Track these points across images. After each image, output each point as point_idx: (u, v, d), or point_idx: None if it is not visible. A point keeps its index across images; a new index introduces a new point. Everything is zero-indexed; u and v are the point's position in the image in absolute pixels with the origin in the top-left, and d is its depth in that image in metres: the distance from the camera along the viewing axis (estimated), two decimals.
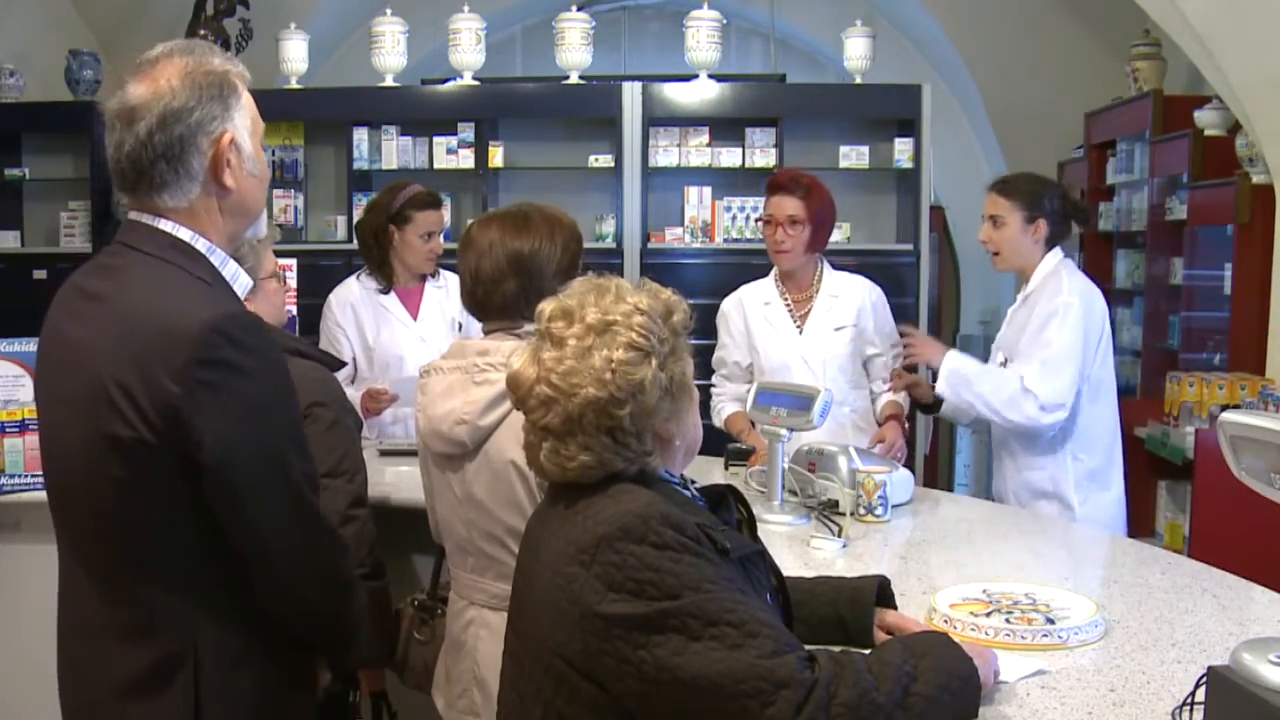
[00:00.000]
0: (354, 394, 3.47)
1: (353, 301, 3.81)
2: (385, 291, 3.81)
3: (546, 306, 1.60)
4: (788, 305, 3.55)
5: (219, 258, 1.70)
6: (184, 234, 1.67)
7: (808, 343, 3.50)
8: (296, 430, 1.71)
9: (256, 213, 1.78)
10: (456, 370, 2.23)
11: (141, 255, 1.66)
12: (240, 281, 1.73)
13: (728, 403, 3.62)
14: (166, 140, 1.63)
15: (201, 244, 1.68)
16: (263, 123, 1.77)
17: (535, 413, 1.57)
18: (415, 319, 3.83)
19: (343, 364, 2.87)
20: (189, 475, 1.58)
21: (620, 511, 1.49)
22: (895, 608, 1.88)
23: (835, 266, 3.61)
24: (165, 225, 1.67)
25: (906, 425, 3.54)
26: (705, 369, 3.79)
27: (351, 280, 3.87)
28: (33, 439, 3.02)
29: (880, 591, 1.85)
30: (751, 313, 3.58)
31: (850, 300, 3.53)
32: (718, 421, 3.60)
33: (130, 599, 1.65)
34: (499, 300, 2.22)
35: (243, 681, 1.69)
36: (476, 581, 2.25)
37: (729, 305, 3.66)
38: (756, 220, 4.42)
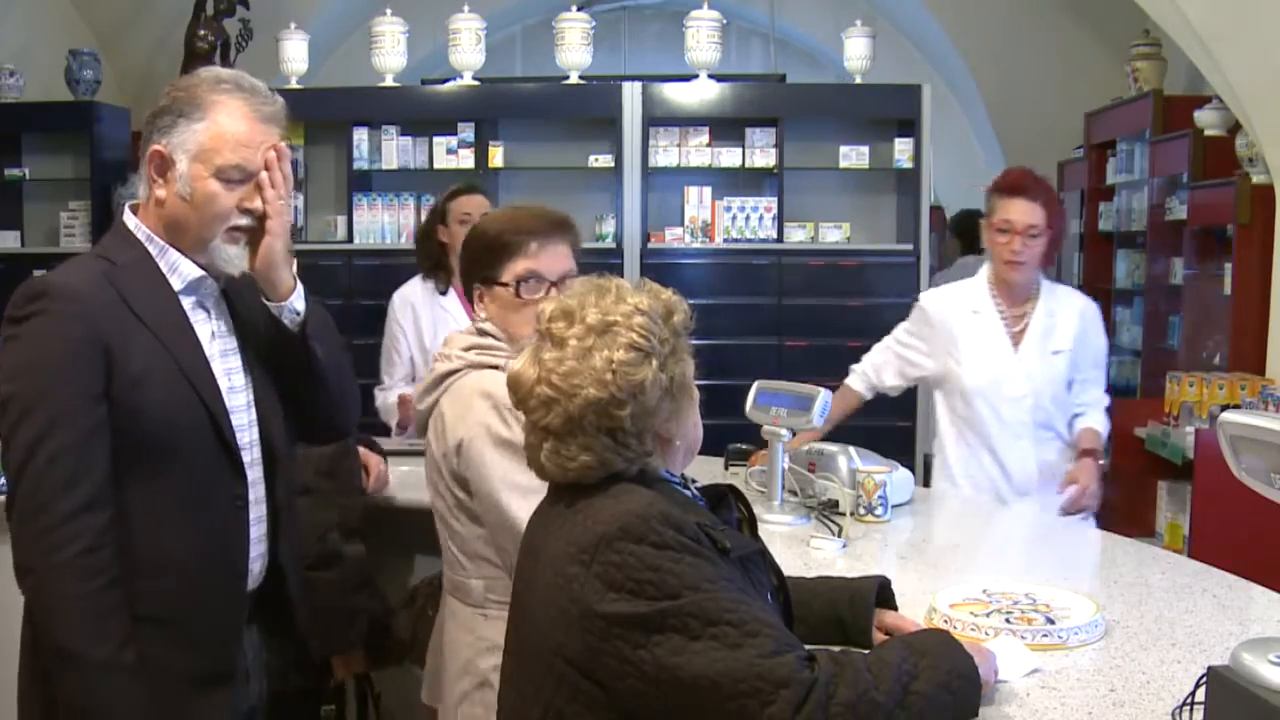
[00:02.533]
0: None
1: (413, 301, 3.83)
2: (444, 292, 3.82)
3: (547, 307, 1.60)
4: (1003, 318, 3.19)
5: (157, 247, 1.86)
6: (131, 222, 1.88)
7: (1022, 364, 3.16)
8: (52, 399, 1.73)
9: (190, 233, 1.85)
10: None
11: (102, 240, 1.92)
12: (180, 272, 1.86)
13: (863, 375, 3.36)
14: (142, 143, 1.88)
15: (142, 232, 1.87)
16: (234, 155, 1.82)
17: (536, 413, 1.57)
18: (472, 320, 3.83)
19: None
20: None
21: (620, 511, 1.49)
22: (895, 608, 1.88)
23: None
24: (126, 214, 1.89)
25: (1103, 462, 3.22)
26: (705, 369, 3.73)
27: (415, 280, 3.89)
28: None
29: (880, 592, 1.85)
30: (957, 321, 3.21)
31: (1067, 320, 3.20)
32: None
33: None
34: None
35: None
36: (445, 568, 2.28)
37: (930, 306, 3.30)
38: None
